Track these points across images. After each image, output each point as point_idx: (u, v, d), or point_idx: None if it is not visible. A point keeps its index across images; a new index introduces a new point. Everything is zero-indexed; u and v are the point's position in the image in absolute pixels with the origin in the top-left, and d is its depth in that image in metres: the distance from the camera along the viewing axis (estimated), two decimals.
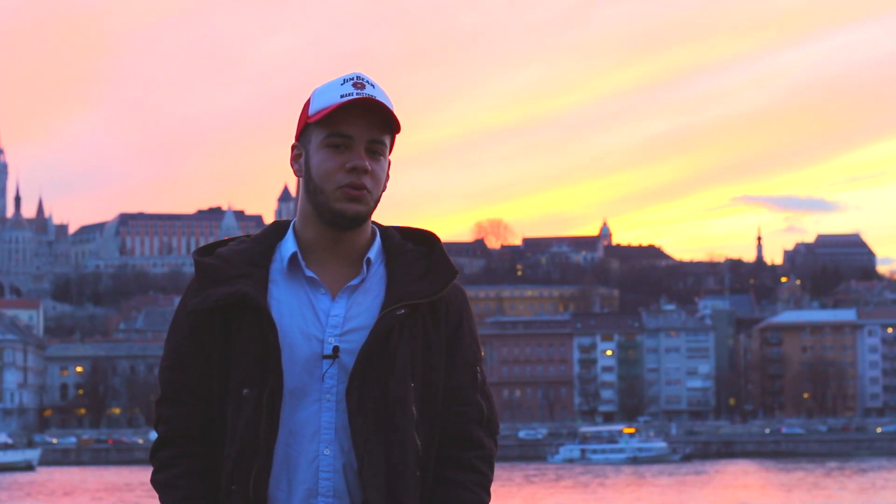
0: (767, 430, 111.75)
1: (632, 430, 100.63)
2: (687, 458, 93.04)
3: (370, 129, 2.63)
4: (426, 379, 2.67)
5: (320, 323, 2.64)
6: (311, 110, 2.66)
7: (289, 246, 2.70)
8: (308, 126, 2.67)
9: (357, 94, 2.62)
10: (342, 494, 2.61)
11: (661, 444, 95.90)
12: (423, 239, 2.77)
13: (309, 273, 2.67)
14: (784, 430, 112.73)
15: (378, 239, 2.74)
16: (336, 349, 2.62)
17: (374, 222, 2.75)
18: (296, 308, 2.65)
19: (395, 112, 2.66)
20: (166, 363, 2.72)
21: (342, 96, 2.62)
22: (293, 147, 2.71)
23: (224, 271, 2.67)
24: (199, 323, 2.67)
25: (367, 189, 2.63)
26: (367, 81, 2.65)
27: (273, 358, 2.61)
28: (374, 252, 2.70)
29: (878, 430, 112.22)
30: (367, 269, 2.69)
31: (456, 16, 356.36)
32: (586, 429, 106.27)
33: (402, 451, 2.62)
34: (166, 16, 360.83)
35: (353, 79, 2.65)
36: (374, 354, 2.62)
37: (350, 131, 2.62)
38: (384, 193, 2.69)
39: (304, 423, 2.62)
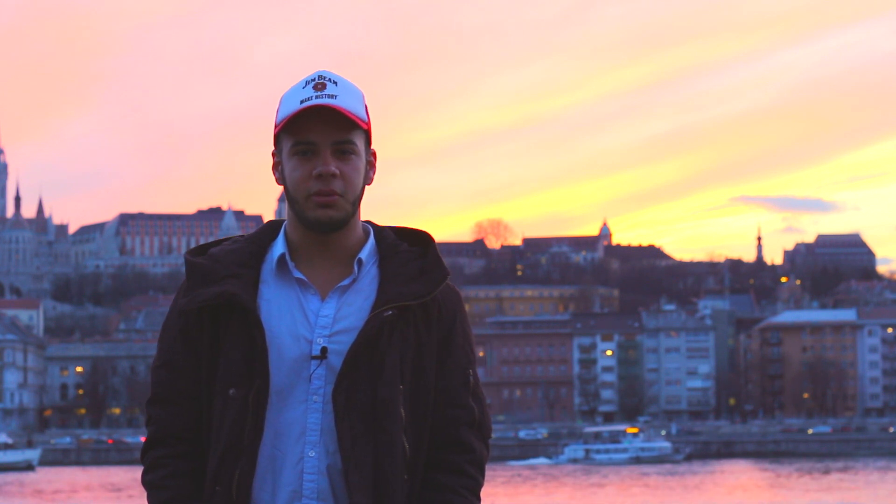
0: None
1: (635, 430, 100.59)
2: (687, 458, 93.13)
3: (333, 132, 2.57)
4: (416, 381, 2.62)
5: (309, 323, 2.60)
6: (278, 118, 2.61)
7: (278, 247, 2.66)
8: (279, 134, 2.62)
9: (316, 97, 2.56)
10: (326, 497, 2.56)
11: (664, 444, 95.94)
12: (419, 239, 2.71)
13: (297, 274, 2.63)
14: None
15: (371, 239, 2.68)
16: (324, 350, 2.58)
17: (368, 222, 2.72)
18: (285, 309, 2.62)
19: (369, 104, 2.63)
20: (157, 363, 2.71)
21: (301, 101, 2.56)
22: (273, 155, 2.67)
23: (214, 271, 2.64)
24: (188, 323, 2.65)
25: (337, 193, 2.58)
26: (330, 79, 2.59)
27: (260, 358, 2.58)
28: (365, 252, 2.65)
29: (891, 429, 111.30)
30: (359, 269, 2.64)
31: (456, 16, 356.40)
32: (590, 429, 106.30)
33: (389, 454, 2.57)
34: (166, 16, 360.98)
35: (314, 80, 2.59)
36: (363, 356, 2.57)
37: (313, 138, 2.57)
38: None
39: (290, 425, 2.58)
